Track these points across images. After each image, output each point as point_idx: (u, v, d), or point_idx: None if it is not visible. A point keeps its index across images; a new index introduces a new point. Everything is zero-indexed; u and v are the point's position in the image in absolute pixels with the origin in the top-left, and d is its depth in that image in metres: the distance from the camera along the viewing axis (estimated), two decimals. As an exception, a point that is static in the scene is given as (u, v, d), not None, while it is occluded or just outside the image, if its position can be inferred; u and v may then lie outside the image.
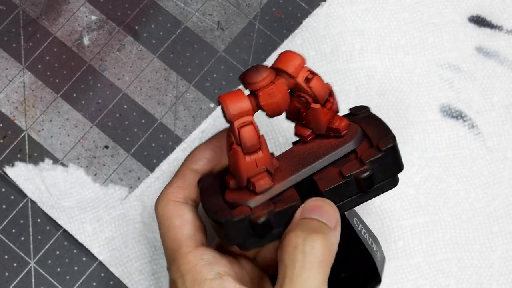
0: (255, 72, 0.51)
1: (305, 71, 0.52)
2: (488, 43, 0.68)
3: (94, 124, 0.67)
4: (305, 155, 0.54)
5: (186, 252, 0.53)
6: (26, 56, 0.68)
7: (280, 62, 0.52)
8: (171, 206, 0.55)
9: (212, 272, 0.51)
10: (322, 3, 0.68)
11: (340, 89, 0.67)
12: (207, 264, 0.52)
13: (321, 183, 0.52)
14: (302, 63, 0.52)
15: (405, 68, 0.68)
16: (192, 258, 0.52)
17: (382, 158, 0.51)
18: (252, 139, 0.51)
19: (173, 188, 0.56)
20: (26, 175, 0.65)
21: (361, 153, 0.52)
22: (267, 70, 0.51)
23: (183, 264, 0.52)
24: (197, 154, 0.57)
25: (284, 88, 0.51)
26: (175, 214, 0.55)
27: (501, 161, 0.66)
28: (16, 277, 0.64)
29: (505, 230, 0.65)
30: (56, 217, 0.65)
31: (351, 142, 0.53)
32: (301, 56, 0.52)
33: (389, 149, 0.51)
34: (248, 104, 0.51)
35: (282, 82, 0.51)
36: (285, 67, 0.51)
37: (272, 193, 0.52)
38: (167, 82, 0.68)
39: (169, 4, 0.70)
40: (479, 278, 0.64)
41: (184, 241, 0.53)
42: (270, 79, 0.51)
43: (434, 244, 0.64)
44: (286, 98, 0.52)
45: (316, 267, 0.49)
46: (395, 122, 0.66)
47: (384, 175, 0.52)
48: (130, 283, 0.64)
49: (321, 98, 0.52)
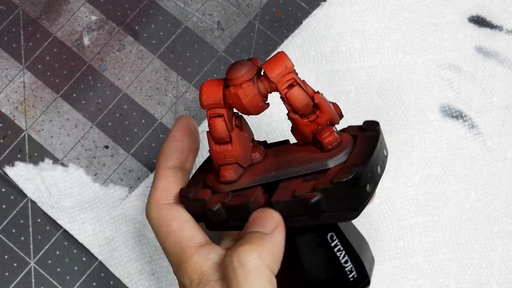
0: (235, 68, 0.50)
1: (289, 79, 0.50)
2: (488, 43, 0.68)
3: (94, 124, 0.67)
4: (287, 158, 0.53)
5: (191, 254, 0.52)
6: (26, 56, 0.68)
7: (267, 63, 0.50)
8: (164, 210, 0.54)
9: (217, 273, 0.51)
10: (322, 3, 0.68)
11: (340, 89, 0.67)
12: (213, 264, 0.51)
13: (278, 192, 0.51)
14: (287, 69, 0.50)
15: (405, 68, 0.68)
16: (198, 259, 0.52)
17: (333, 190, 0.48)
18: (219, 131, 0.51)
19: (159, 191, 0.55)
20: (26, 175, 0.66)
21: (328, 175, 0.50)
22: (245, 69, 0.50)
23: (189, 266, 0.52)
24: (168, 150, 0.56)
25: (251, 92, 0.50)
26: (170, 217, 0.54)
27: (501, 161, 0.66)
28: (16, 277, 0.64)
29: (505, 230, 0.65)
30: (56, 217, 0.65)
31: (328, 160, 0.51)
32: (289, 62, 0.50)
33: (342, 183, 0.48)
34: (220, 98, 0.51)
35: (249, 86, 0.50)
36: (268, 70, 0.50)
37: (235, 186, 0.53)
38: (167, 82, 0.68)
39: (169, 4, 0.70)
40: (479, 278, 0.64)
41: (186, 243, 0.53)
42: (242, 80, 0.50)
43: (434, 244, 0.64)
44: (253, 102, 0.50)
45: (250, 277, 0.48)
46: (395, 122, 0.66)
47: (336, 206, 0.49)
48: (130, 283, 0.64)
49: (298, 109, 0.50)
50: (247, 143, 0.53)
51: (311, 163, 0.51)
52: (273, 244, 0.50)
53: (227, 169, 0.53)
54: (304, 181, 0.50)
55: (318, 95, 0.50)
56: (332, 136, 0.51)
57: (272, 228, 0.50)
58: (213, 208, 0.52)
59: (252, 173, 0.53)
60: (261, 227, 0.50)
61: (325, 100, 0.51)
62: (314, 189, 0.49)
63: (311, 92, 0.50)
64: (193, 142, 0.57)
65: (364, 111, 0.66)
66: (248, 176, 0.53)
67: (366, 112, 0.66)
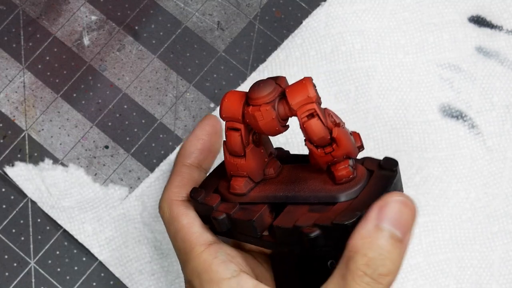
0: (258, 88, 0.50)
1: (310, 109, 0.49)
2: (488, 43, 0.68)
3: (94, 124, 0.67)
4: (299, 181, 0.52)
5: (200, 251, 0.52)
6: (26, 56, 0.68)
7: (291, 89, 0.49)
8: (175, 206, 0.55)
9: (229, 271, 0.51)
10: (322, 3, 0.68)
11: (340, 89, 0.67)
12: (222, 262, 0.51)
13: (282, 216, 0.51)
14: (309, 100, 0.49)
15: (405, 68, 0.68)
16: (207, 257, 0.52)
17: (333, 230, 0.48)
18: (234, 145, 0.51)
19: (173, 187, 0.56)
20: (26, 175, 0.66)
21: (333, 211, 0.49)
22: (267, 91, 0.49)
23: (198, 264, 0.52)
24: (188, 148, 0.57)
25: (269, 117, 0.49)
26: (181, 214, 0.54)
27: (501, 161, 0.66)
28: (16, 277, 0.64)
29: (505, 230, 0.65)
30: (56, 217, 0.65)
31: (337, 194, 0.50)
32: (312, 92, 0.49)
33: (341, 226, 0.47)
34: (240, 113, 0.50)
35: (268, 110, 0.49)
36: (290, 96, 0.49)
37: (244, 199, 0.52)
38: (167, 82, 0.68)
39: (169, 4, 0.70)
40: (479, 278, 0.64)
41: (196, 240, 0.53)
42: (262, 101, 0.49)
43: (434, 244, 0.64)
44: (269, 126, 0.50)
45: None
46: (395, 122, 0.66)
47: (335, 244, 0.48)
48: (130, 283, 0.64)
49: (313, 141, 0.50)
50: (262, 159, 0.53)
51: (321, 193, 0.50)
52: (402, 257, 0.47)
53: (237, 180, 0.53)
54: (310, 210, 0.50)
55: (337, 129, 0.49)
56: (346, 171, 0.50)
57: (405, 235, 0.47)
58: (218, 217, 0.52)
59: (262, 189, 0.53)
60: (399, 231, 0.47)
61: (344, 134, 0.50)
62: (315, 224, 0.48)
63: (331, 125, 0.49)
64: (214, 143, 0.57)
65: (364, 111, 0.66)
66: (258, 191, 0.53)
67: (366, 112, 0.66)
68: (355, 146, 0.51)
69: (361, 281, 0.46)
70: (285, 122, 0.51)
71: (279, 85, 0.50)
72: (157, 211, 0.64)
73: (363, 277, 0.46)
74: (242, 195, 0.53)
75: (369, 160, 0.52)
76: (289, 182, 0.52)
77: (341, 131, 0.49)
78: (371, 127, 0.66)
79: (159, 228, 0.64)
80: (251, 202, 0.52)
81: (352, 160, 0.50)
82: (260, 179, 0.53)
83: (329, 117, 0.50)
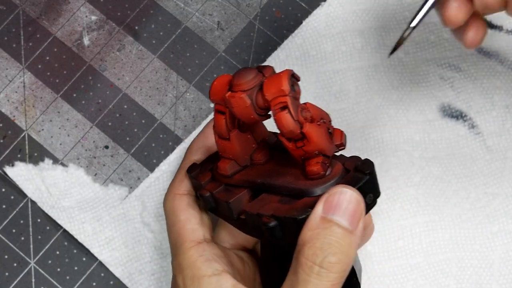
0: (239, 74, 0.50)
1: (281, 101, 0.49)
2: (488, 43, 0.68)
3: (94, 124, 0.67)
4: (279, 171, 0.52)
5: (188, 247, 0.53)
6: (26, 56, 0.68)
7: (267, 80, 0.50)
8: (176, 200, 0.56)
9: (210, 269, 0.52)
10: (322, 3, 0.68)
11: (340, 89, 0.67)
12: (206, 260, 0.52)
13: (254, 203, 0.51)
14: (282, 92, 0.49)
15: (405, 67, 0.68)
16: (193, 254, 0.53)
17: (284, 222, 0.49)
18: (219, 128, 0.52)
19: (177, 182, 0.57)
20: (26, 175, 0.66)
21: (296, 204, 0.49)
22: (247, 78, 0.50)
23: (184, 259, 0.53)
24: (195, 145, 0.58)
25: (243, 104, 0.50)
26: (180, 208, 0.55)
27: (501, 161, 0.66)
28: (16, 277, 0.64)
29: (505, 230, 0.65)
30: (56, 217, 0.65)
31: (305, 189, 0.50)
32: (287, 86, 0.49)
33: (290, 219, 0.48)
34: (223, 96, 0.51)
35: (242, 98, 0.50)
36: (265, 87, 0.50)
37: (230, 181, 0.53)
38: (167, 82, 0.68)
39: (169, 4, 0.70)
40: (479, 278, 0.64)
41: (188, 236, 0.54)
42: (240, 89, 0.50)
43: (434, 244, 0.64)
44: (244, 113, 0.50)
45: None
46: (395, 121, 0.66)
47: (289, 238, 0.49)
48: (130, 283, 0.64)
49: (283, 133, 0.50)
50: (248, 144, 0.54)
51: (291, 185, 0.51)
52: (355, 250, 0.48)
53: (224, 162, 0.54)
54: (279, 201, 0.50)
55: (309, 125, 0.49)
56: (316, 167, 0.50)
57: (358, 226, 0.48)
58: (204, 195, 0.54)
59: (247, 173, 0.54)
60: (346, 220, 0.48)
61: (315, 130, 0.49)
62: (272, 214, 0.49)
63: (302, 120, 0.49)
64: None
65: (365, 111, 0.66)
66: (243, 175, 0.54)
67: (366, 112, 0.66)
68: (331, 144, 0.51)
69: (311, 272, 0.47)
70: (265, 112, 0.51)
71: (263, 74, 0.51)
72: (157, 211, 0.65)
73: (312, 267, 0.47)
74: (227, 177, 0.54)
75: (352, 160, 0.52)
76: (271, 170, 0.53)
77: (313, 127, 0.49)
78: (371, 127, 0.66)
79: (159, 228, 0.64)
80: (235, 184, 0.53)
81: (328, 157, 0.50)
82: (246, 164, 0.54)
83: (307, 112, 0.50)
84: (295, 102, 0.49)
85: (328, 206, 0.48)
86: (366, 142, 0.66)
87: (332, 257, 0.47)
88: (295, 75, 0.50)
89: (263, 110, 0.51)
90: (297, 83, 0.50)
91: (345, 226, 0.48)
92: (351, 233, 0.48)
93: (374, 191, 0.51)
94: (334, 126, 0.52)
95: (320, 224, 0.47)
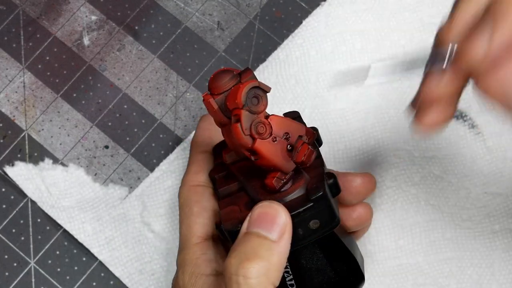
0: (214, 77, 0.51)
1: (235, 113, 0.49)
2: (488, 43, 0.68)
3: (94, 124, 0.67)
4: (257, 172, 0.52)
5: (194, 243, 0.54)
6: (26, 56, 0.68)
7: (233, 89, 0.50)
8: (192, 192, 0.56)
9: (209, 269, 0.52)
10: (322, 3, 0.68)
11: (340, 89, 0.67)
12: (207, 260, 0.53)
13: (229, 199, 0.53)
14: (236, 105, 0.49)
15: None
16: (196, 251, 0.53)
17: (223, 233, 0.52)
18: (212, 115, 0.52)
19: (191, 174, 0.57)
20: (26, 175, 0.65)
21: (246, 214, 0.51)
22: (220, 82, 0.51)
23: (188, 254, 0.54)
24: (201, 136, 0.58)
25: (211, 109, 0.51)
26: (194, 201, 0.56)
27: (501, 161, 0.66)
28: (16, 277, 0.64)
29: (505, 230, 0.65)
30: (56, 217, 0.64)
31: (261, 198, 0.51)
32: (240, 98, 0.49)
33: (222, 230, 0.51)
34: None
35: (210, 102, 0.51)
36: (228, 96, 0.50)
37: (231, 168, 0.55)
38: (167, 82, 0.68)
39: (169, 4, 0.70)
40: (479, 277, 0.64)
41: (196, 230, 0.54)
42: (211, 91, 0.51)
43: (435, 244, 0.64)
44: (214, 116, 0.51)
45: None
46: (395, 121, 0.66)
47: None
48: (130, 283, 0.64)
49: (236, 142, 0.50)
50: None
51: (254, 194, 0.52)
52: (280, 256, 0.48)
53: (226, 150, 0.54)
54: (245, 203, 0.52)
55: (259, 142, 0.49)
56: (270, 182, 0.50)
57: (279, 235, 0.48)
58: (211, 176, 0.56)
59: (239, 165, 0.54)
60: (267, 231, 0.48)
61: (266, 148, 0.49)
62: (220, 219, 0.51)
63: (254, 135, 0.49)
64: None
65: (365, 110, 0.66)
66: (237, 166, 0.54)
67: (366, 112, 0.66)
68: (287, 161, 0.50)
69: (230, 282, 0.47)
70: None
71: (241, 78, 0.51)
72: (157, 211, 0.65)
73: (231, 277, 0.47)
74: (229, 164, 0.55)
75: (316, 177, 0.51)
76: (253, 168, 0.53)
77: (263, 144, 0.49)
78: (371, 127, 0.66)
79: (159, 228, 0.64)
80: (232, 173, 0.55)
81: (285, 173, 0.50)
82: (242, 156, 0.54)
83: (262, 127, 0.49)
84: (249, 116, 0.49)
85: (250, 221, 0.49)
86: (366, 142, 0.66)
87: (247, 264, 0.46)
88: (262, 86, 0.50)
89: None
90: (264, 96, 0.50)
91: (265, 235, 0.48)
92: (272, 242, 0.48)
93: (321, 217, 0.50)
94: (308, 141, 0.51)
95: (242, 238, 0.48)
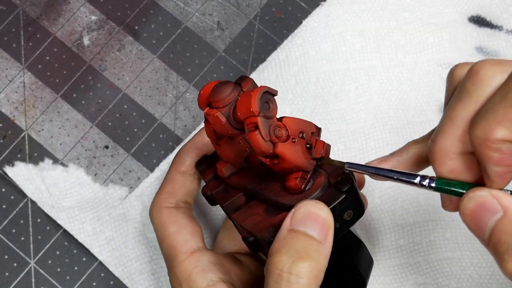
0: (217, 91, 0.50)
1: (252, 122, 0.48)
2: (488, 43, 0.68)
3: (94, 124, 0.67)
4: (269, 178, 0.52)
5: (183, 259, 0.53)
6: (26, 56, 0.68)
7: (240, 99, 0.49)
8: (164, 213, 0.55)
9: (205, 280, 0.52)
10: (322, 3, 0.68)
11: (340, 89, 0.67)
12: (201, 271, 0.52)
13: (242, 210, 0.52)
14: (252, 113, 0.48)
15: (405, 68, 0.68)
16: (188, 266, 0.53)
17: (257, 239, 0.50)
18: (209, 135, 0.53)
19: (164, 194, 0.56)
20: (26, 175, 0.65)
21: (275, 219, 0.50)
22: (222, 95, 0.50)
23: (180, 272, 0.53)
24: (183, 155, 0.57)
25: (218, 123, 0.50)
26: (169, 221, 0.55)
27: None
28: (16, 277, 0.64)
29: (505, 230, 0.65)
30: (56, 217, 0.65)
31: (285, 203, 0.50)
32: (256, 107, 0.48)
33: (259, 240, 0.50)
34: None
35: (216, 116, 0.50)
36: (238, 105, 0.49)
37: (228, 181, 0.54)
38: (167, 82, 0.68)
39: (169, 4, 0.70)
40: (479, 277, 0.64)
41: (180, 248, 0.54)
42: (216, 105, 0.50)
43: (435, 244, 0.64)
44: (221, 129, 0.50)
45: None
46: (395, 121, 0.66)
47: (263, 252, 0.50)
48: (130, 283, 0.64)
49: (255, 153, 0.49)
50: (241, 149, 0.53)
51: (275, 198, 0.51)
52: (326, 258, 0.48)
53: (221, 164, 0.54)
54: (265, 210, 0.51)
55: (281, 145, 0.49)
56: (294, 183, 0.50)
57: (325, 236, 0.48)
58: (205, 193, 0.55)
59: (241, 175, 0.54)
60: (313, 231, 0.47)
61: (288, 149, 0.49)
62: (249, 231, 0.50)
63: (274, 139, 0.49)
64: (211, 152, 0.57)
65: (364, 111, 0.66)
66: (238, 177, 0.54)
67: (366, 112, 0.66)
68: (308, 160, 0.50)
69: (280, 280, 0.46)
70: (243, 126, 0.50)
71: (241, 88, 0.51)
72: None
73: (281, 275, 0.46)
74: (226, 178, 0.54)
75: (336, 172, 0.51)
76: (262, 176, 0.53)
77: (285, 147, 0.49)
78: (371, 127, 0.66)
79: (159, 228, 0.65)
80: (232, 185, 0.54)
81: (307, 172, 0.50)
82: (240, 167, 0.54)
83: (280, 130, 0.49)
84: (267, 122, 0.49)
85: (295, 220, 0.48)
86: (366, 142, 0.66)
87: (300, 263, 0.46)
88: (270, 90, 0.49)
89: (241, 124, 0.50)
90: (273, 99, 0.49)
91: (312, 235, 0.47)
92: (319, 243, 0.47)
93: (353, 207, 0.50)
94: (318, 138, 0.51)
95: (287, 235, 0.47)
